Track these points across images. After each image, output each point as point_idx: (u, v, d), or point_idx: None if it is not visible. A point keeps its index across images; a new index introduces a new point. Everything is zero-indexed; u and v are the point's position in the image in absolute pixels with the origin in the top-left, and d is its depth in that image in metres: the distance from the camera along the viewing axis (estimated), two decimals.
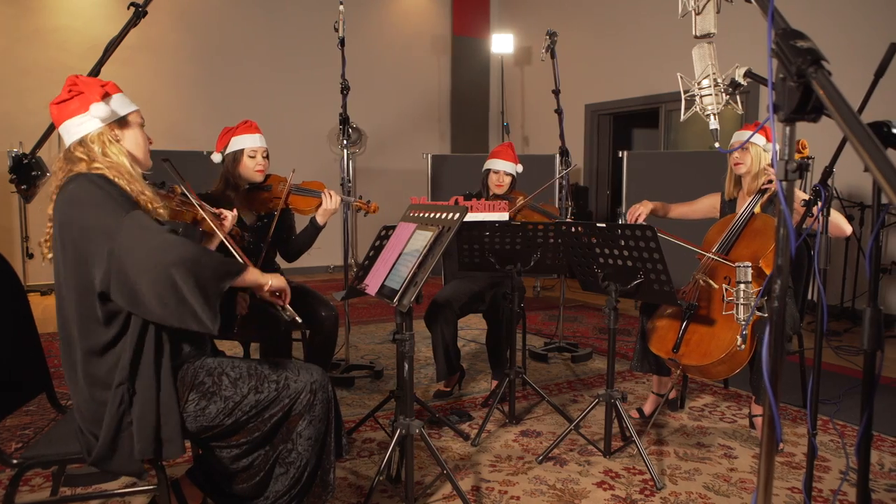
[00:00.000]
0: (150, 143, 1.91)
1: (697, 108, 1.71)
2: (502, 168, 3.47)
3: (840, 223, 2.61)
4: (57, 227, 1.68)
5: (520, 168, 3.53)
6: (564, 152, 4.14)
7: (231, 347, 3.98)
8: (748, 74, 1.60)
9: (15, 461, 1.65)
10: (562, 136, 4.15)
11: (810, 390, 1.89)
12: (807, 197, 1.98)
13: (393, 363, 4.04)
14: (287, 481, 1.83)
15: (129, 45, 7.51)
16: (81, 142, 1.72)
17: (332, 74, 7.68)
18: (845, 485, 2.46)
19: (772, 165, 2.87)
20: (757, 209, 2.81)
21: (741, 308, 2.24)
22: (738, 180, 3.01)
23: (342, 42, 3.37)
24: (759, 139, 2.85)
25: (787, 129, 1.13)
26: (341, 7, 3.38)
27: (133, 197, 1.72)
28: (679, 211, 3.19)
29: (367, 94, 7.53)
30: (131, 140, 1.82)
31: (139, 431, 1.63)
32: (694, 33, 1.68)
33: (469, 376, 3.74)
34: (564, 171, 4.07)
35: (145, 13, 2.35)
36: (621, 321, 5.14)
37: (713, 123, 1.69)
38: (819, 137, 3.04)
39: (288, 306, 1.89)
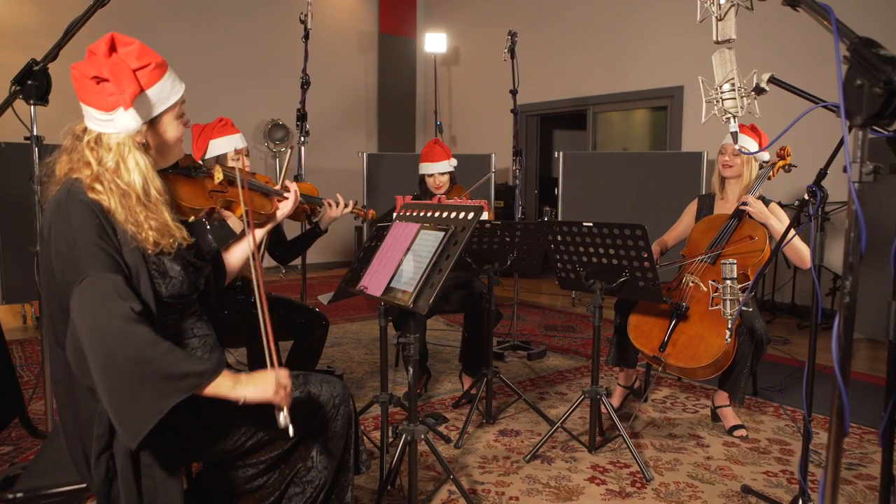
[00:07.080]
0: (188, 125, 1.58)
1: (716, 111, 1.77)
2: (435, 170, 3.40)
3: (803, 254, 2.68)
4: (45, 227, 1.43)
5: (454, 162, 3.43)
6: (518, 152, 4.18)
7: None
8: (773, 80, 1.66)
9: (11, 496, 1.42)
10: (516, 136, 4.19)
11: (805, 383, 2.01)
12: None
13: (351, 367, 3.94)
14: (302, 501, 1.70)
15: (32, 31, 6.94)
16: (98, 140, 1.44)
17: (265, 69, 7.52)
18: (811, 466, 2.63)
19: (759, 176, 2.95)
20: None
21: (728, 303, 2.34)
22: (722, 182, 3.06)
23: (307, 35, 3.23)
24: (753, 145, 2.91)
25: (861, 133, 1.19)
26: None
27: (127, 235, 1.40)
28: (673, 237, 3.20)
29: (294, 91, 7.28)
30: (163, 137, 1.52)
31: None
32: (714, 39, 1.73)
33: (433, 378, 3.70)
34: (519, 171, 4.12)
35: None
36: (568, 319, 5.26)
37: (733, 126, 1.75)
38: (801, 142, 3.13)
39: (285, 410, 1.41)
